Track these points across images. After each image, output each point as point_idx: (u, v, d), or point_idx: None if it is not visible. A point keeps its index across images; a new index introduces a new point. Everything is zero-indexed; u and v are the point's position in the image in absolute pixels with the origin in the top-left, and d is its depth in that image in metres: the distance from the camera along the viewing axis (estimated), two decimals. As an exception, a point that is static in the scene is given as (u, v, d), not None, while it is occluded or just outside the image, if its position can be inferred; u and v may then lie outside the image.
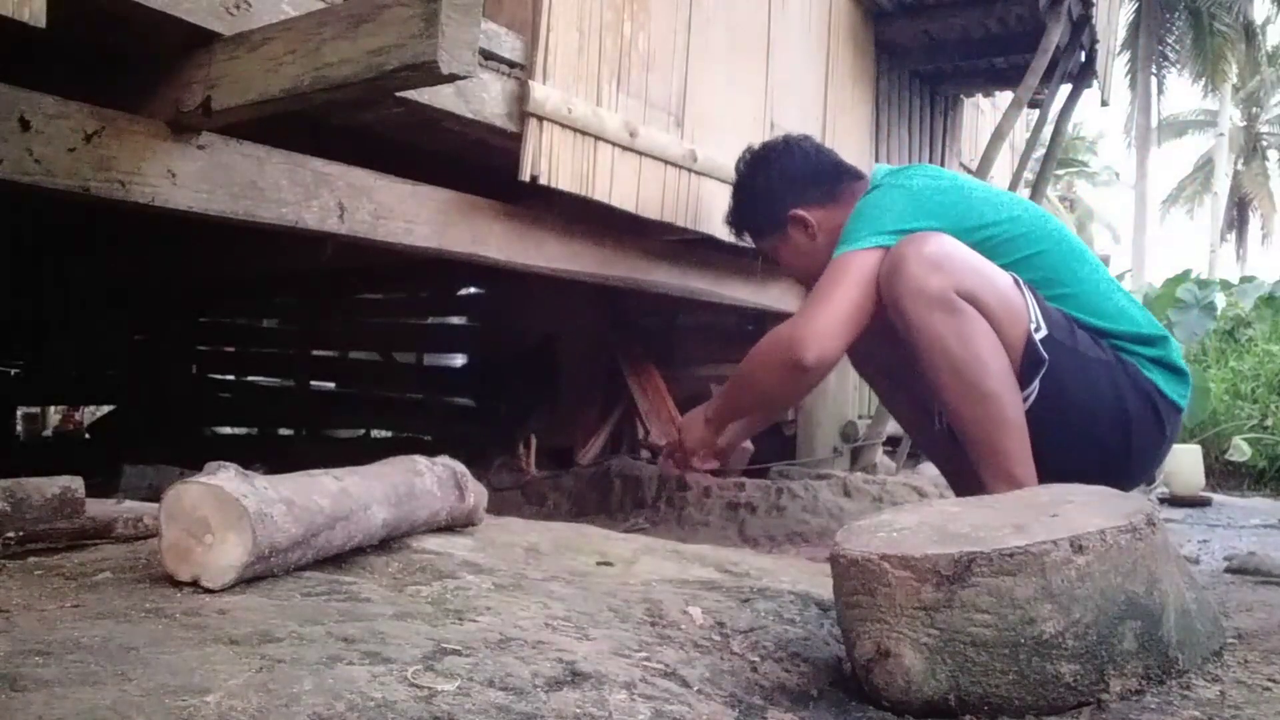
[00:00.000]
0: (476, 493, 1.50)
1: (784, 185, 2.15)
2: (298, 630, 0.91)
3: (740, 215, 2.28)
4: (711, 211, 2.65)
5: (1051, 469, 1.72)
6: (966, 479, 1.97)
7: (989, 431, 1.76)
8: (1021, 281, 1.83)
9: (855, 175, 2.17)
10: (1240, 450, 5.42)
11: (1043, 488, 1.39)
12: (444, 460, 1.46)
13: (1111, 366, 1.86)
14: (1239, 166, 29.02)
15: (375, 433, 5.70)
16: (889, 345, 1.92)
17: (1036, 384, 1.79)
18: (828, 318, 1.86)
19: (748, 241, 2.36)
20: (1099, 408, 1.85)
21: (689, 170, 2.56)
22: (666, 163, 2.48)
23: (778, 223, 2.17)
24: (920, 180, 1.98)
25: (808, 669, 1.14)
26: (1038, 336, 1.79)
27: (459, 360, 5.78)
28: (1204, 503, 3.90)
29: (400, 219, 2.02)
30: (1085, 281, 1.93)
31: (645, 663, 0.99)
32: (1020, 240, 1.92)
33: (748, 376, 2.06)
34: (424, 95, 1.82)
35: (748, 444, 3.38)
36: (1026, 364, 1.79)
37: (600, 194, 2.27)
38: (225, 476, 1.05)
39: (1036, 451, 1.78)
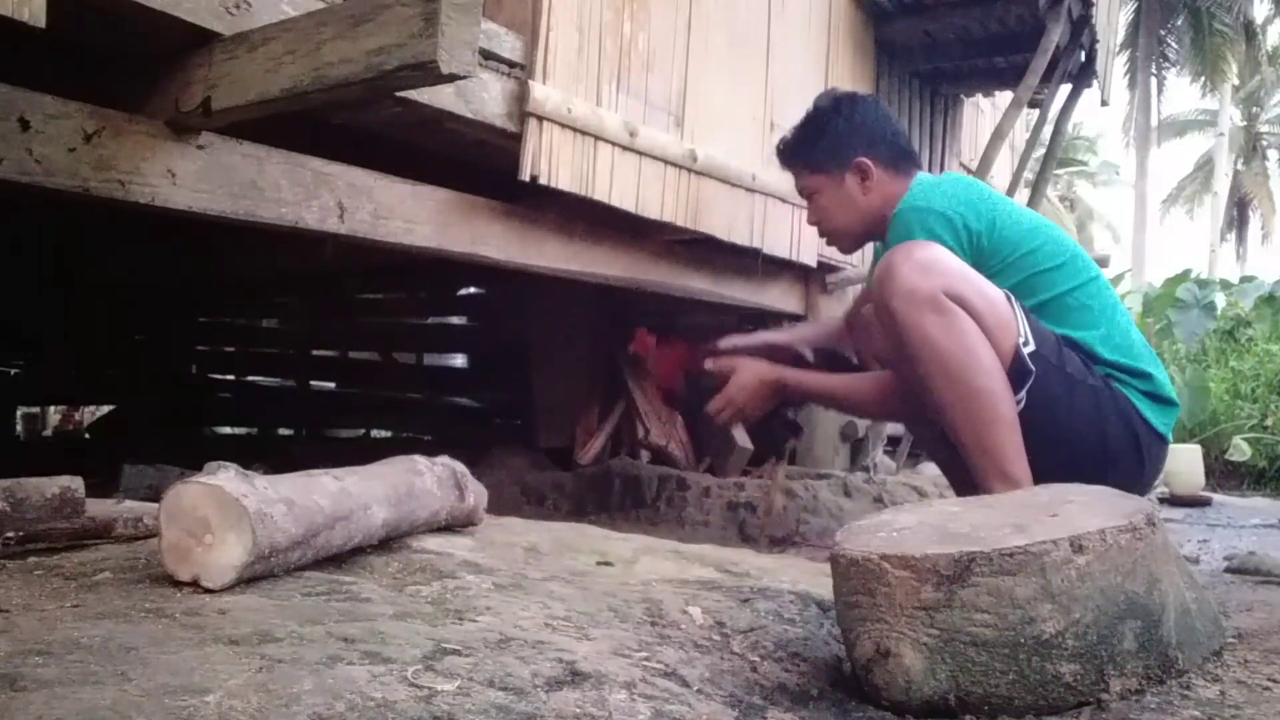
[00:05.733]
0: (476, 493, 1.50)
1: (863, 131, 2.16)
2: (298, 630, 0.91)
3: (803, 144, 2.24)
4: (712, 211, 2.65)
5: None
6: (968, 482, 1.99)
7: (981, 429, 1.74)
8: (1013, 298, 1.83)
9: (916, 163, 2.20)
10: (1240, 450, 5.43)
11: (1042, 487, 1.39)
12: (444, 460, 1.46)
13: (1099, 392, 1.84)
14: (1239, 166, 28.96)
15: (375, 433, 5.70)
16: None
17: (1024, 394, 1.78)
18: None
19: (787, 172, 2.30)
20: (1079, 433, 1.82)
21: (689, 170, 2.56)
22: (666, 162, 2.48)
23: (840, 163, 2.16)
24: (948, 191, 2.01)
25: (808, 669, 1.14)
26: (1025, 350, 1.77)
27: (459, 360, 5.78)
28: (1204, 503, 3.91)
29: (400, 219, 2.02)
30: (1095, 299, 1.93)
31: (645, 663, 0.99)
32: (1048, 249, 1.93)
33: None
34: (424, 95, 1.82)
35: (747, 444, 3.38)
36: (1013, 375, 1.77)
37: (600, 194, 2.27)
38: (225, 476, 1.05)
39: None
